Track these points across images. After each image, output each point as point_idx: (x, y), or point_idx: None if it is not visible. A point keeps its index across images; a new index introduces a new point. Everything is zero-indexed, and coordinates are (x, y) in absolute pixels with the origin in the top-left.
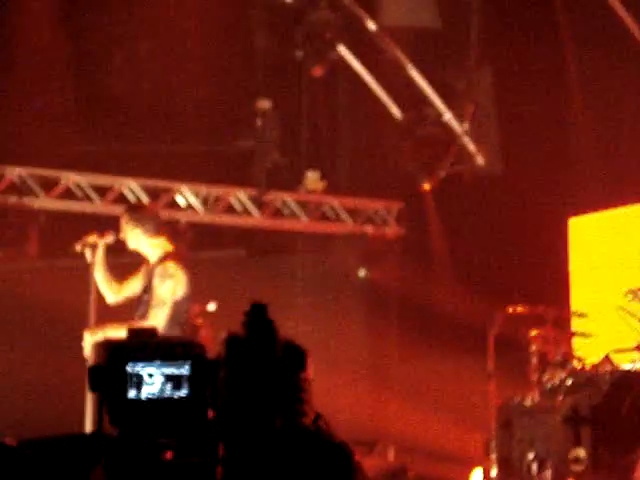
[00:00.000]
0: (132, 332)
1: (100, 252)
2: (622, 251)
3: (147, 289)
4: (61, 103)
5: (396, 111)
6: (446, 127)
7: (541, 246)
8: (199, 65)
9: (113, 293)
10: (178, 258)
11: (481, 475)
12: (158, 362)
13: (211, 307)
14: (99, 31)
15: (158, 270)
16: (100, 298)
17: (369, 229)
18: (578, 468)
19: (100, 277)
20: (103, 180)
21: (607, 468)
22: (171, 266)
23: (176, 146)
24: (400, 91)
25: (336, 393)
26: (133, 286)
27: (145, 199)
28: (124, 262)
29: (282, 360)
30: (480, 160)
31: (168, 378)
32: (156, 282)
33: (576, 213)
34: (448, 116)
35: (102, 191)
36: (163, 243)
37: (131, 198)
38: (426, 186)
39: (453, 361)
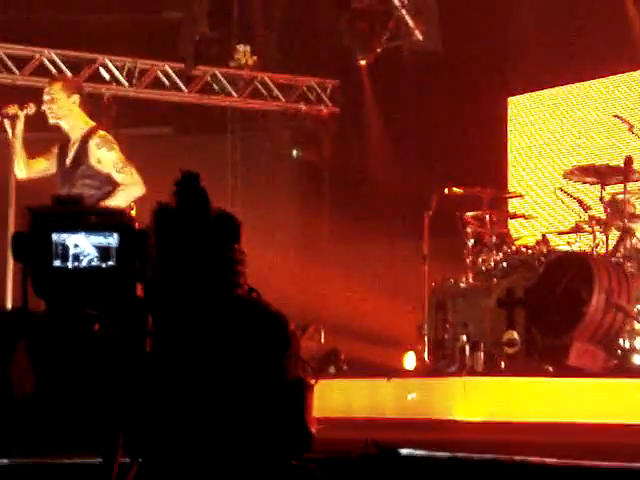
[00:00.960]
0: (57, 200)
1: (20, 124)
2: (560, 131)
3: (79, 161)
4: None
5: None
6: (384, 0)
7: (479, 126)
8: None
9: (24, 168)
10: (107, 130)
11: (414, 357)
12: (85, 232)
13: None
14: None
15: (97, 140)
16: None
17: (302, 107)
18: (511, 350)
19: (15, 151)
20: (22, 50)
21: (540, 350)
22: (108, 135)
23: (100, 15)
24: None
25: (268, 274)
26: (44, 164)
27: (67, 71)
28: (39, 137)
29: (215, 230)
30: (419, 35)
31: (95, 248)
32: (103, 150)
33: (514, 93)
34: None
35: (21, 62)
36: (86, 117)
37: (52, 70)
38: (362, 62)
39: (388, 242)
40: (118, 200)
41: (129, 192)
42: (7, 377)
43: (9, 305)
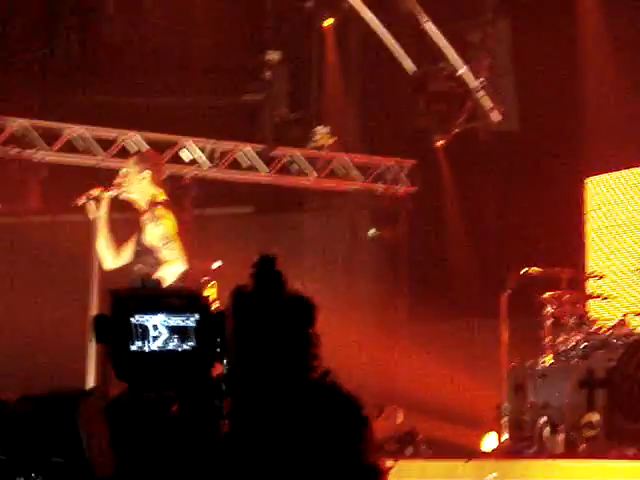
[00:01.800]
0: (136, 282)
1: (105, 206)
2: (639, 211)
3: (142, 238)
4: (65, 54)
5: (410, 65)
6: (461, 82)
7: (557, 206)
8: (207, 15)
9: (112, 257)
10: (167, 204)
11: (493, 439)
12: (164, 313)
13: (216, 264)
14: None
15: (148, 215)
16: None
17: (380, 187)
18: (591, 433)
19: (102, 238)
20: (106, 133)
21: (620, 433)
22: (160, 209)
23: (181, 99)
24: (414, 44)
25: (344, 354)
26: (130, 250)
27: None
28: (123, 218)
29: (290, 314)
30: (495, 116)
31: (174, 330)
32: (151, 226)
33: (593, 173)
34: (463, 70)
35: (105, 144)
36: (160, 194)
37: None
38: (439, 143)
39: (465, 323)
40: (163, 277)
41: (171, 269)
42: (88, 458)
43: (89, 385)
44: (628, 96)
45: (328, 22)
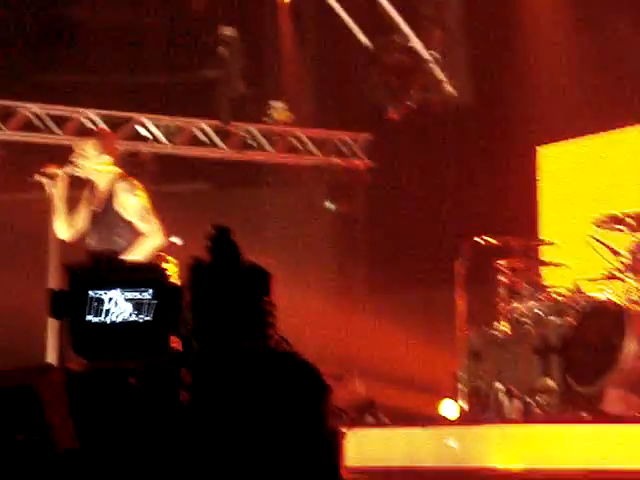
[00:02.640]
0: (94, 257)
1: (61, 184)
2: (590, 179)
3: (106, 207)
4: (19, 33)
5: (363, 38)
6: (414, 54)
7: (510, 176)
8: None
9: (69, 229)
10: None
11: (451, 406)
12: (121, 288)
13: (176, 241)
14: None
15: (122, 184)
16: None
17: (337, 161)
18: (547, 398)
19: (59, 212)
20: (62, 110)
21: (575, 397)
22: (134, 182)
23: (137, 76)
24: (367, 18)
25: (303, 325)
26: (82, 217)
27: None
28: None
29: (246, 283)
30: (449, 88)
31: (131, 303)
32: (128, 195)
33: (545, 142)
34: (416, 42)
35: (61, 122)
36: (116, 172)
37: (92, 129)
38: (394, 115)
39: (422, 293)
40: (140, 250)
41: (151, 242)
42: (49, 431)
43: (49, 359)
44: (580, 65)
45: None
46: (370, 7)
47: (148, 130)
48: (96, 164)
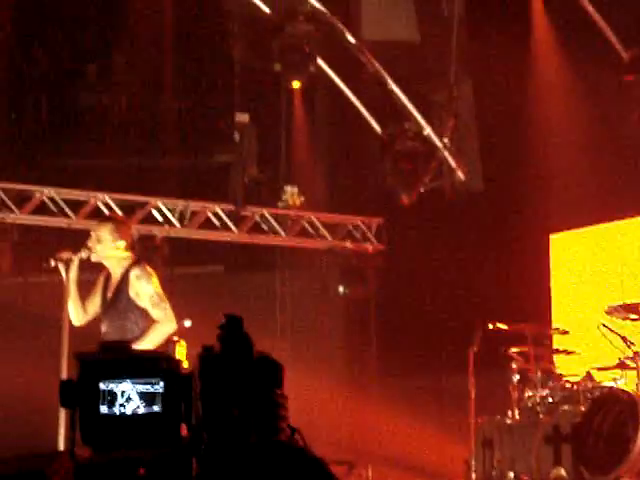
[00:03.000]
0: (104, 346)
1: (74, 268)
2: (603, 267)
3: (119, 294)
4: (35, 117)
5: (376, 126)
6: (426, 141)
7: (522, 263)
8: (176, 78)
9: (81, 314)
10: (146, 264)
11: None
12: (131, 380)
13: (186, 323)
14: (72, 45)
15: (136, 272)
16: None
17: (348, 244)
18: None
19: (71, 297)
20: (77, 194)
21: None
22: (148, 268)
23: (152, 160)
24: (380, 105)
25: (314, 411)
26: (96, 303)
27: (120, 214)
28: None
29: (257, 374)
30: (460, 175)
31: (141, 395)
32: (142, 283)
33: (557, 230)
34: (428, 130)
35: (76, 206)
36: (130, 257)
37: (106, 213)
38: (406, 201)
39: (433, 379)
40: (153, 338)
41: (163, 329)
42: None
43: (61, 447)
44: (593, 155)
45: (296, 84)
46: (383, 94)
47: (162, 214)
48: (111, 249)
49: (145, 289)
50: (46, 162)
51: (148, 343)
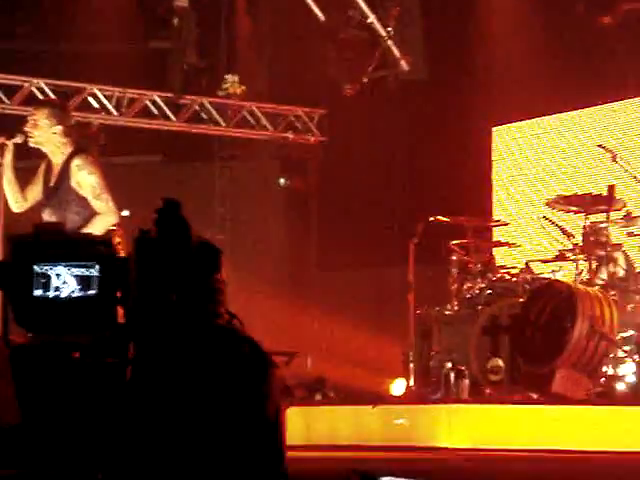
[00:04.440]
0: (39, 228)
1: (9, 154)
2: (544, 160)
3: (61, 183)
4: None
5: (319, 13)
6: (370, 30)
7: (464, 155)
8: None
9: (20, 200)
10: (90, 154)
11: (401, 385)
12: (66, 263)
13: (124, 213)
14: None
15: (78, 162)
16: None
17: (290, 135)
18: (496, 378)
19: (7, 183)
20: (12, 79)
21: (525, 378)
22: (90, 158)
23: (89, 46)
24: None
25: (254, 302)
26: (37, 191)
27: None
28: (28, 165)
29: (196, 259)
30: (404, 65)
31: (77, 278)
32: (83, 173)
33: (499, 122)
34: (372, 18)
35: (11, 90)
36: (70, 143)
37: (41, 98)
38: (349, 91)
39: (373, 271)
40: (93, 229)
41: (104, 220)
42: None
43: None
44: (534, 49)
45: None
46: None
47: (99, 101)
48: (48, 134)
49: (87, 179)
50: None
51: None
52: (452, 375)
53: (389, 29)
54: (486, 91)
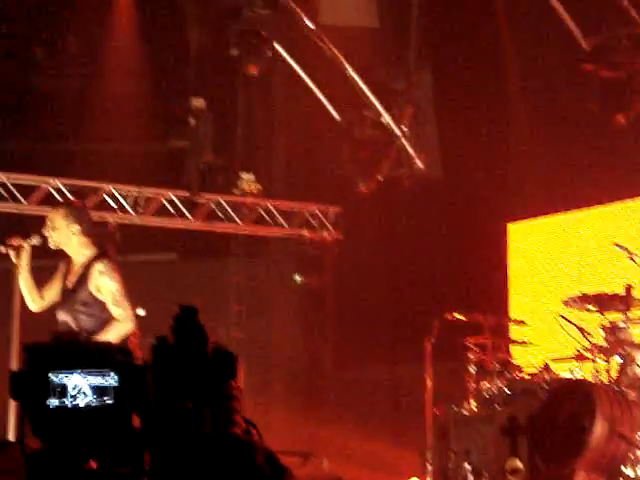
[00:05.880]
0: (55, 336)
1: (25, 255)
2: (560, 258)
3: (80, 285)
4: None
5: (334, 113)
6: (385, 129)
7: (480, 252)
8: (130, 61)
9: (37, 300)
10: (112, 258)
11: None
12: (83, 372)
13: (140, 312)
14: (22, 27)
15: (100, 267)
16: (23, 303)
17: (305, 233)
18: (515, 479)
19: (24, 283)
20: (28, 179)
21: (544, 479)
22: (111, 263)
23: (105, 145)
24: (338, 92)
25: (270, 402)
26: (55, 290)
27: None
28: (41, 265)
29: (212, 366)
30: (419, 164)
31: (93, 388)
32: (105, 279)
33: (515, 219)
34: (387, 118)
35: (27, 191)
36: (90, 244)
37: (58, 199)
38: (364, 189)
39: (389, 369)
40: (110, 335)
41: (121, 328)
42: None
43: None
44: (548, 146)
45: (253, 70)
46: (341, 81)
47: (116, 200)
48: (66, 234)
49: (107, 285)
50: None
51: (104, 339)
52: (471, 477)
53: (404, 128)
54: (501, 188)
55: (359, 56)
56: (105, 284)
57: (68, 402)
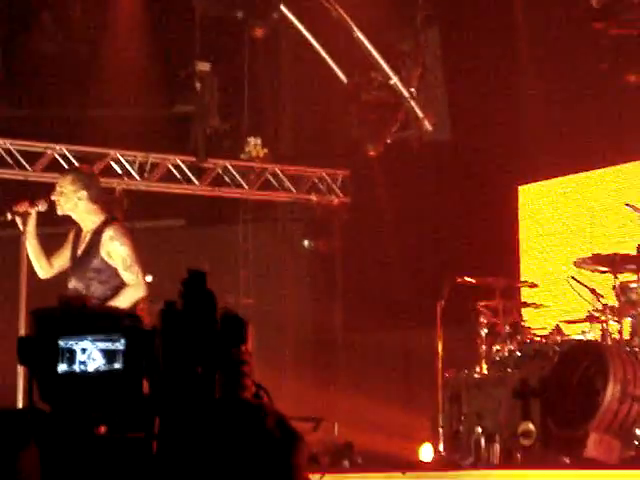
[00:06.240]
0: (63, 302)
1: (32, 221)
2: (571, 219)
3: (90, 252)
4: None
5: (341, 75)
6: (393, 91)
7: (490, 215)
8: (135, 26)
9: (45, 267)
10: (122, 223)
11: (430, 450)
12: (91, 337)
13: (148, 278)
14: None
15: (110, 232)
16: (31, 269)
17: (313, 197)
18: (527, 442)
19: (32, 250)
20: (33, 146)
21: (557, 442)
22: (122, 228)
23: (111, 110)
24: (345, 54)
25: (279, 367)
26: (64, 258)
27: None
28: (50, 232)
29: (221, 331)
30: (427, 125)
31: (102, 352)
32: (115, 244)
33: (525, 181)
34: (395, 80)
35: (33, 157)
36: (99, 210)
37: (64, 165)
38: (372, 152)
39: (400, 334)
40: (121, 301)
41: (132, 293)
42: (17, 474)
43: (20, 404)
44: (558, 106)
45: (259, 32)
46: (348, 43)
47: (121, 166)
48: (73, 200)
49: (118, 250)
50: (2, 112)
51: (116, 305)
52: (482, 440)
53: (412, 90)
54: (511, 150)
55: (366, 17)
56: (116, 249)
57: (77, 367)
